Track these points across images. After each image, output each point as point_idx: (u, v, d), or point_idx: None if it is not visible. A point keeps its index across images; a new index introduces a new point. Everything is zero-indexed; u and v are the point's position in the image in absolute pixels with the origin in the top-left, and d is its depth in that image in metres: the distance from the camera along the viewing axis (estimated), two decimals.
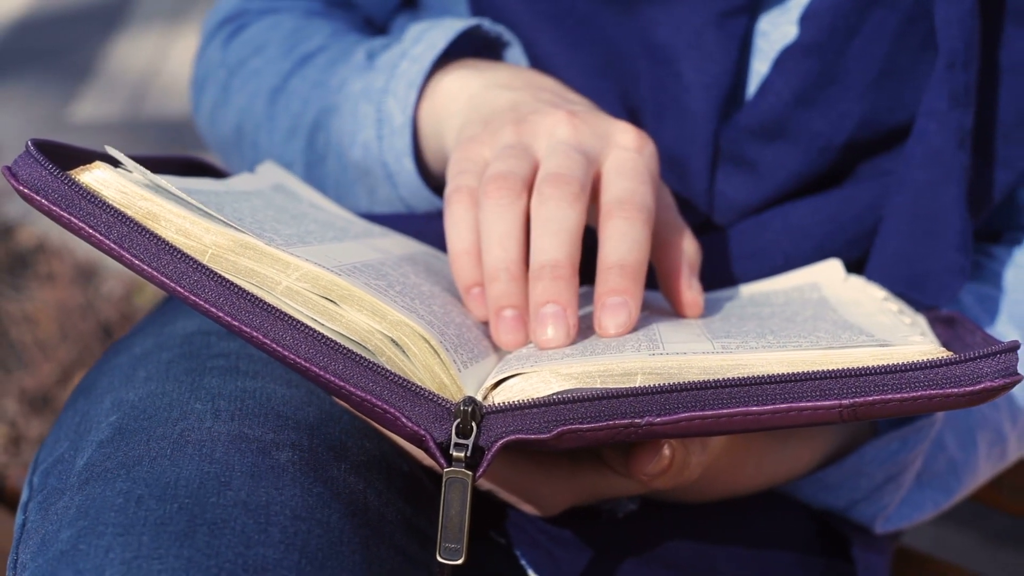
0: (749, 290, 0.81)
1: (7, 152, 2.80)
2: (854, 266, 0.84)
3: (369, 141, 0.83)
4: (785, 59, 0.81)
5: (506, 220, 0.67)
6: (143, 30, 3.58)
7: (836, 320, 0.68)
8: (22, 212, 2.61)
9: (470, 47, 0.87)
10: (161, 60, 3.37)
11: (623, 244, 0.67)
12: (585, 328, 0.69)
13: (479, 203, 0.68)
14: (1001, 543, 1.73)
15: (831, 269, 0.80)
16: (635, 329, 0.67)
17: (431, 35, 0.83)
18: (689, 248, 0.75)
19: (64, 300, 2.31)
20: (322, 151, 0.88)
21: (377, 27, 1.01)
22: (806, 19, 0.81)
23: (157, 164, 0.67)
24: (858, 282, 0.79)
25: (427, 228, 0.84)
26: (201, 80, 1.00)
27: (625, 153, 0.71)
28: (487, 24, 0.85)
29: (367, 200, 0.87)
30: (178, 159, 0.74)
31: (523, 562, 0.75)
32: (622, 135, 0.72)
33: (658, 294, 0.78)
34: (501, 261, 0.67)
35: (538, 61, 0.86)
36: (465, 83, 0.81)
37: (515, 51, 0.87)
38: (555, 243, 0.66)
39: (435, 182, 0.86)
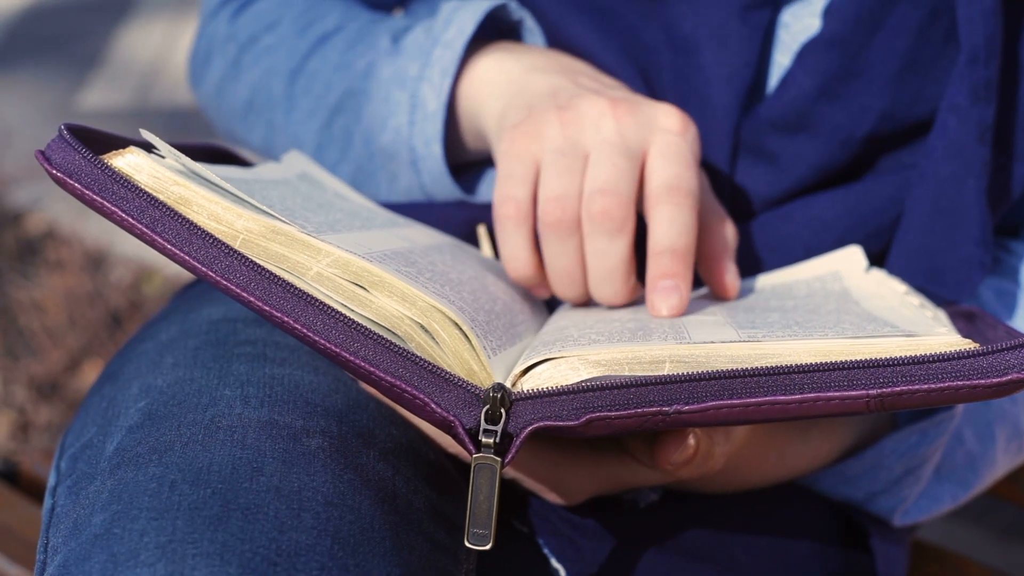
0: (771, 280, 0.81)
1: (16, 139, 2.80)
2: (875, 259, 0.84)
3: (401, 126, 0.84)
4: (807, 52, 0.81)
5: (568, 255, 0.72)
6: (152, 19, 3.59)
7: (860, 312, 0.68)
8: (31, 199, 2.61)
9: (494, 28, 0.87)
10: (169, 49, 3.37)
11: (673, 229, 0.70)
12: (611, 317, 0.70)
13: (541, 231, 0.72)
14: (1011, 538, 1.73)
15: (852, 257, 0.80)
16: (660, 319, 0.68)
17: (460, 17, 0.84)
18: (729, 232, 0.77)
19: (73, 287, 2.32)
20: (338, 134, 0.88)
21: (382, 10, 1.01)
22: (829, 12, 0.81)
23: (181, 151, 0.67)
24: (879, 275, 0.79)
25: (449, 216, 0.84)
26: (205, 53, 1.00)
27: (670, 137, 0.73)
28: (514, 5, 0.86)
29: (386, 188, 0.87)
30: (201, 146, 0.74)
31: (546, 551, 0.75)
32: (666, 118, 0.74)
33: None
34: (567, 296, 0.74)
35: (566, 47, 0.86)
36: (502, 66, 0.82)
37: (537, 39, 0.87)
38: (610, 288, 0.72)
39: (458, 159, 0.87)
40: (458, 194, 0.85)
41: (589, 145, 0.73)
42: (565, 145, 0.73)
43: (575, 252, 0.72)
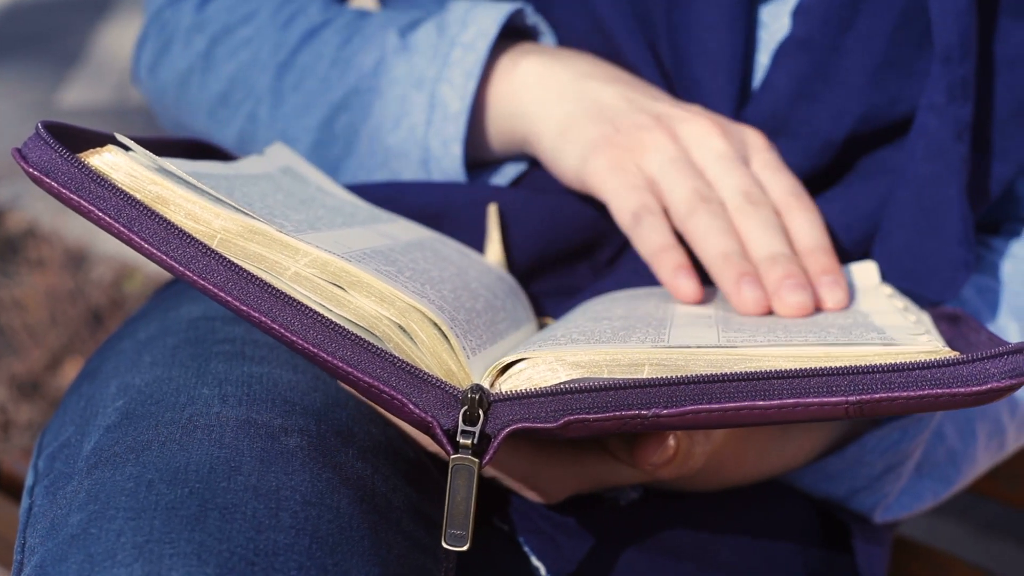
0: None
1: None
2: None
3: (416, 126, 0.84)
4: (782, 53, 0.82)
5: (721, 219, 0.75)
6: (132, 16, 3.58)
7: (856, 320, 0.68)
8: (11, 197, 2.60)
9: (509, 29, 0.87)
10: None
11: (815, 230, 0.76)
12: (593, 316, 0.70)
13: (687, 221, 0.75)
14: (993, 533, 1.74)
15: (867, 270, 0.81)
16: (649, 317, 0.68)
17: (477, 18, 0.84)
18: None
19: (54, 286, 2.31)
20: (341, 132, 0.88)
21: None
22: (798, 14, 0.81)
23: (163, 146, 0.67)
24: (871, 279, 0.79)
25: (453, 193, 0.84)
26: (165, 41, 0.98)
27: (767, 153, 0.78)
28: (529, 9, 0.86)
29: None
30: (184, 141, 0.74)
31: (526, 549, 0.75)
32: (753, 137, 0.79)
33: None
34: (769, 248, 0.75)
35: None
36: (546, 70, 0.83)
37: (548, 40, 0.88)
38: (809, 233, 0.76)
39: (472, 159, 0.88)
40: None
41: (700, 157, 0.77)
42: (679, 157, 0.76)
43: (729, 224, 0.75)
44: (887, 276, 0.81)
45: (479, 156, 0.87)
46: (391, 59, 0.86)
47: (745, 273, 0.73)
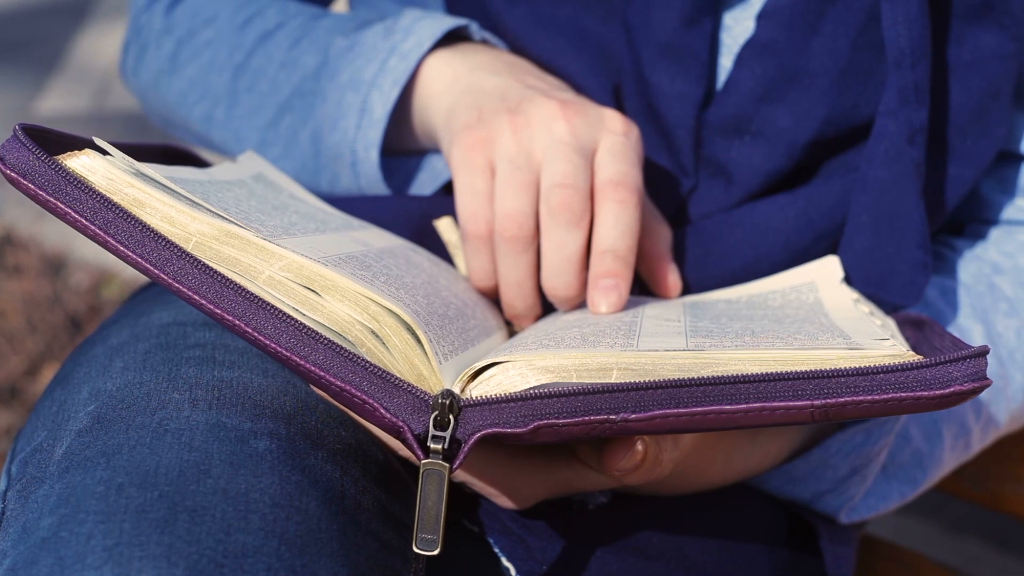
0: (749, 291, 0.81)
1: None
2: None
3: (348, 128, 0.85)
4: (746, 55, 0.82)
5: (521, 268, 0.76)
6: (110, 23, 3.57)
7: (822, 324, 0.68)
8: None
9: (456, 37, 0.88)
10: None
11: (616, 229, 0.74)
12: (564, 324, 0.70)
13: (497, 244, 0.75)
14: (960, 532, 1.75)
15: (829, 267, 0.81)
16: (618, 322, 0.68)
17: (419, 29, 0.85)
18: (667, 234, 0.80)
19: (31, 292, 2.30)
20: (284, 132, 0.89)
21: (318, 3, 1.02)
22: (763, 17, 0.82)
23: (139, 152, 0.68)
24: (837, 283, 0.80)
25: (404, 207, 0.85)
26: (142, 45, 1.00)
27: (616, 137, 0.76)
28: (475, 27, 0.87)
29: (328, 189, 0.88)
30: (159, 147, 0.75)
31: (496, 550, 0.75)
32: (611, 120, 0.77)
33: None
34: (515, 309, 0.78)
35: (528, 55, 0.87)
36: (449, 64, 0.84)
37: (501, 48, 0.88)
38: (563, 279, 0.75)
39: (398, 145, 0.89)
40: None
41: (542, 148, 0.75)
42: (518, 154, 0.75)
43: (528, 265, 0.76)
44: (851, 282, 0.81)
45: (417, 148, 0.89)
46: (334, 62, 0.87)
47: (527, 314, 0.78)
